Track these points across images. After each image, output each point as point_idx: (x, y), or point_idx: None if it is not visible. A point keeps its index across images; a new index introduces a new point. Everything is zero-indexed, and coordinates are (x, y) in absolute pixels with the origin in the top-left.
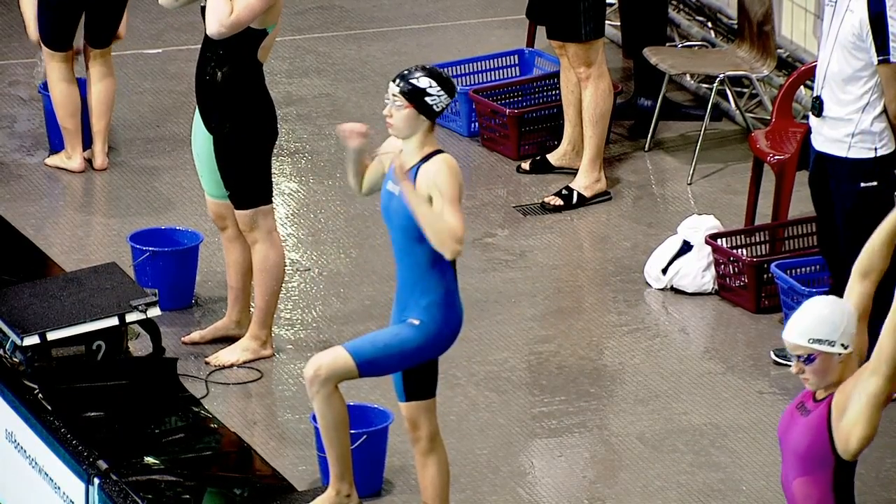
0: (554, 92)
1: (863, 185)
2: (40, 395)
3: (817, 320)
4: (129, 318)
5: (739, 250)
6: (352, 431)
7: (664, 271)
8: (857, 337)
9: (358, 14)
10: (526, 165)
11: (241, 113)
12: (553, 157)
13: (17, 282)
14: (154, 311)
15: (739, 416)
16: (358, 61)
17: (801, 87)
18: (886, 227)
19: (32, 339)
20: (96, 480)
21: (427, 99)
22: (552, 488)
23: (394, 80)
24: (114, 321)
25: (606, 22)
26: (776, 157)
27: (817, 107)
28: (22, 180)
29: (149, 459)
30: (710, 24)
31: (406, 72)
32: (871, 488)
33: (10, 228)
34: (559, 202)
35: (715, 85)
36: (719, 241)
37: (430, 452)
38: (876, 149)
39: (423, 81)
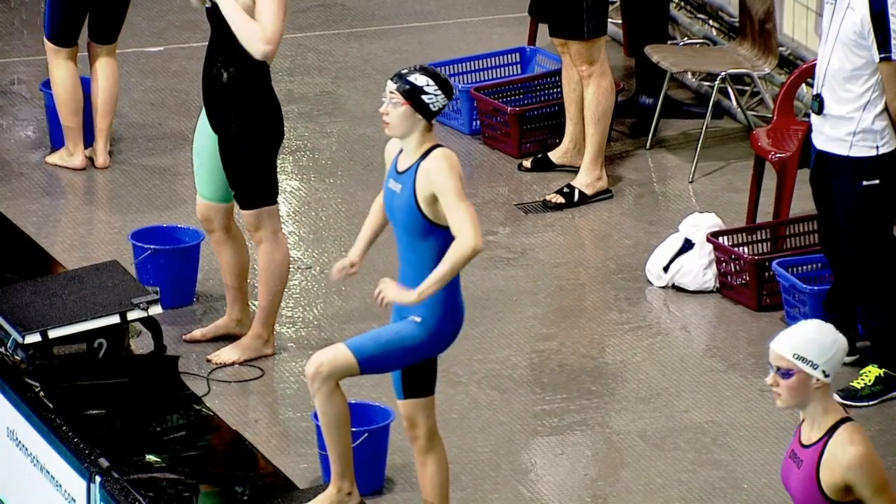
0: (555, 90)
1: (865, 183)
2: (42, 392)
3: (808, 339)
4: (131, 315)
5: (741, 248)
6: (353, 429)
7: (665, 269)
8: None
9: (359, 12)
10: (527, 163)
11: (248, 113)
12: (554, 155)
13: (19, 280)
14: (155, 309)
15: (741, 414)
16: (359, 59)
17: (803, 84)
18: None
19: (34, 337)
20: (98, 478)
21: (424, 97)
22: (554, 486)
23: (391, 78)
24: (115, 319)
25: (608, 20)
26: (777, 155)
27: (818, 105)
28: (23, 178)
29: (150, 457)
30: (711, 22)
31: (404, 70)
32: None
33: (11, 226)
34: (560, 200)
35: (716, 83)
36: (721, 239)
37: (429, 451)
38: (878, 147)
39: (420, 80)
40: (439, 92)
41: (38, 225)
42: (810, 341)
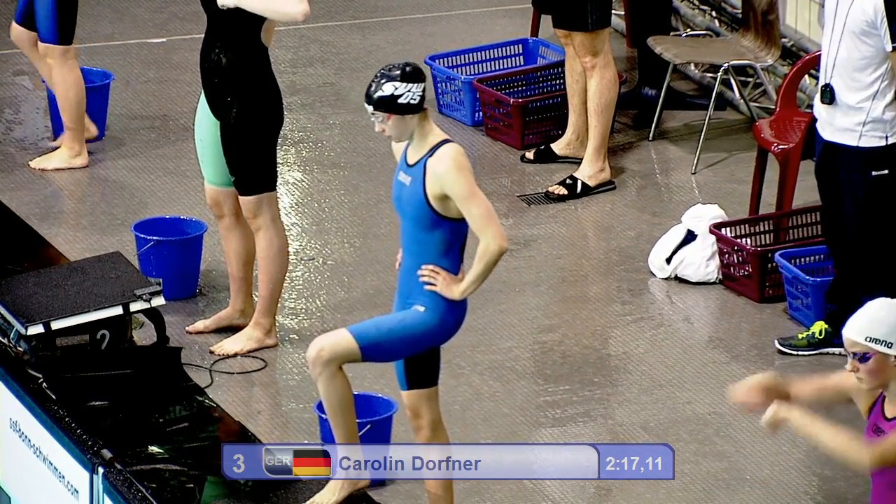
0: (558, 81)
1: (874, 173)
2: (44, 384)
3: (877, 320)
4: (134, 307)
5: (744, 240)
6: (356, 420)
7: (668, 261)
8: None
9: (362, 3)
10: (530, 155)
11: (248, 98)
12: (557, 147)
13: (22, 271)
14: (158, 301)
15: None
16: (362, 51)
17: (806, 76)
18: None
19: (37, 329)
20: (100, 469)
21: (400, 101)
22: None
23: (365, 101)
24: (118, 310)
25: (612, 11)
26: (780, 147)
27: (828, 95)
28: (26, 169)
29: (153, 448)
30: (714, 14)
31: (369, 90)
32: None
33: (14, 217)
34: (563, 192)
35: (719, 74)
36: (723, 230)
37: (433, 441)
38: (887, 137)
39: (386, 89)
40: (410, 86)
41: (40, 216)
42: (880, 322)
